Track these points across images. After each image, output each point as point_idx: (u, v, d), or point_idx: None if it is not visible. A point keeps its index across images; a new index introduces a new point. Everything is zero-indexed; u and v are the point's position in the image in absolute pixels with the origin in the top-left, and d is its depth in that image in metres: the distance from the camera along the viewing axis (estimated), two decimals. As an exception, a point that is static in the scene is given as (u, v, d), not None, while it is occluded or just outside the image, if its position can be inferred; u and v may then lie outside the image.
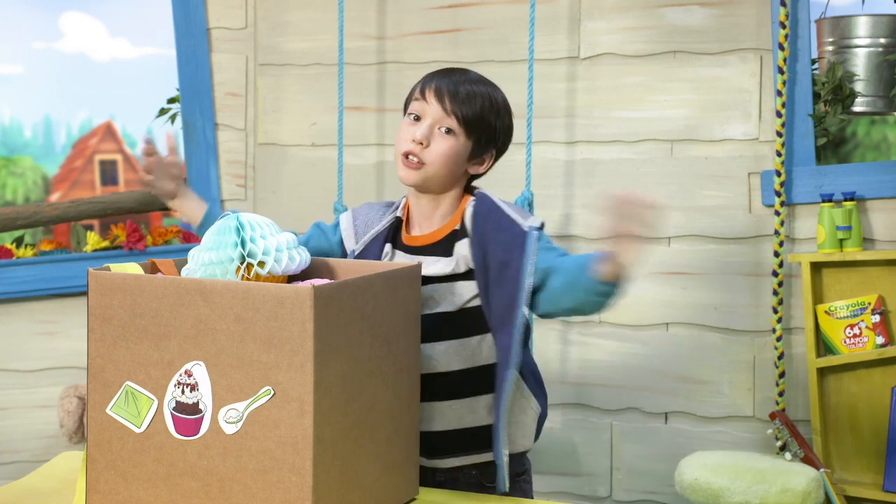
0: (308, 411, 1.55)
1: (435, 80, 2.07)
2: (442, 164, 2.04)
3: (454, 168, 2.07)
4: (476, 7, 3.57)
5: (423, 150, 2.04)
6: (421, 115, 2.06)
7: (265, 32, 3.76)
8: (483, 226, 2.04)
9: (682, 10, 3.36)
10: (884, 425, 3.16)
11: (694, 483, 2.91)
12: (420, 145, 2.04)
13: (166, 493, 1.64)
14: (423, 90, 2.07)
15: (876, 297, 3.15)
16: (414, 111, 2.07)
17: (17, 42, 30.90)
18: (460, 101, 2.04)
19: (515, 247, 1.99)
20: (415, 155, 2.04)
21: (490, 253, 2.01)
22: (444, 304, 2.03)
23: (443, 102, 2.04)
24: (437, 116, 2.04)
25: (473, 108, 2.05)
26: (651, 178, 3.41)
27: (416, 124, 2.06)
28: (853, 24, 3.35)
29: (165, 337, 1.63)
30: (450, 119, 2.04)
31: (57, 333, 3.61)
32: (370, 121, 3.67)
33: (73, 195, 17.34)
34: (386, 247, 2.11)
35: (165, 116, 3.84)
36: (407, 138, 2.05)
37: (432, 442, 2.03)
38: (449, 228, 2.09)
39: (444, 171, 2.05)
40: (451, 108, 2.03)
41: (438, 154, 2.04)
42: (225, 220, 1.81)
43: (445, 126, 2.04)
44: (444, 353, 2.03)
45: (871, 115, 3.52)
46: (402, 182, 2.09)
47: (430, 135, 2.04)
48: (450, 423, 2.04)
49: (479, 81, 2.09)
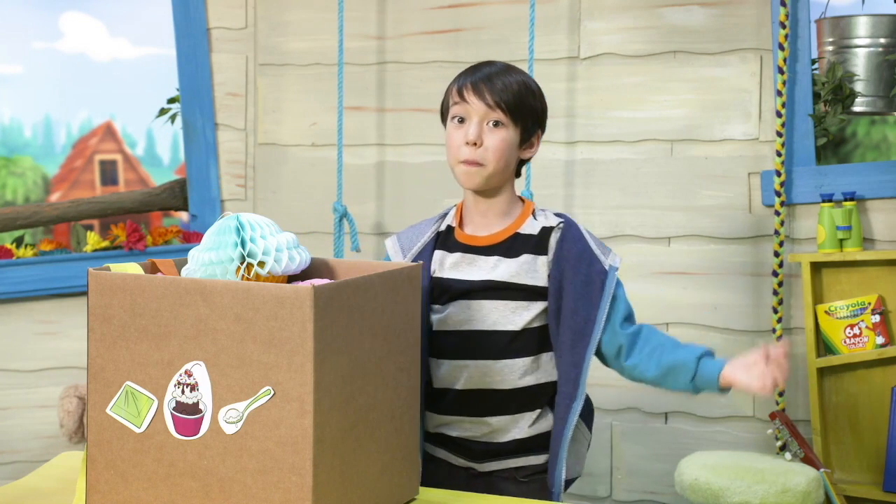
0: (308, 411, 1.55)
1: (468, 77, 2.07)
2: (498, 158, 2.04)
3: (509, 159, 2.07)
4: (476, 7, 3.57)
5: (477, 151, 2.04)
6: (465, 116, 2.05)
7: (265, 32, 3.76)
8: (567, 253, 2.05)
9: (682, 10, 3.36)
10: (884, 425, 3.16)
11: (694, 483, 2.91)
12: (474, 146, 2.03)
13: (166, 493, 1.64)
14: (459, 91, 2.06)
15: (876, 297, 3.15)
16: (457, 114, 2.06)
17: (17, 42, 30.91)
18: (499, 91, 2.03)
19: (594, 284, 2.02)
20: (472, 161, 2.04)
21: (567, 282, 2.02)
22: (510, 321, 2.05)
23: (483, 97, 2.03)
24: (481, 112, 2.04)
25: (514, 95, 2.04)
26: (651, 178, 3.41)
27: (462, 126, 2.05)
28: (853, 24, 3.35)
29: (165, 337, 1.63)
30: (495, 112, 2.03)
31: (57, 333, 3.61)
32: (370, 121, 3.67)
33: (73, 195, 17.35)
34: (436, 254, 2.11)
35: (165, 116, 3.84)
36: (459, 143, 2.05)
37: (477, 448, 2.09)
38: (511, 231, 2.09)
39: (501, 165, 2.05)
40: (494, 100, 2.03)
41: (493, 150, 2.04)
42: (225, 220, 1.81)
43: (493, 120, 2.04)
44: (502, 371, 2.05)
45: (871, 115, 3.52)
46: (465, 187, 2.09)
47: (481, 132, 2.03)
48: (494, 437, 2.08)
49: (507, 69, 2.09)
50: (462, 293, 2.06)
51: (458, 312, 2.06)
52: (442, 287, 2.09)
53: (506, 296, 2.05)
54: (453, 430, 2.10)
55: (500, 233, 2.09)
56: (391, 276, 1.76)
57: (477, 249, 2.09)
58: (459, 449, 2.11)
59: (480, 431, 2.08)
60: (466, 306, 2.06)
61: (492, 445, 2.09)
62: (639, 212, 3.41)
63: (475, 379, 2.06)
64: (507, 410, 2.07)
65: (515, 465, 2.10)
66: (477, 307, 2.05)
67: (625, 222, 3.40)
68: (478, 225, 2.11)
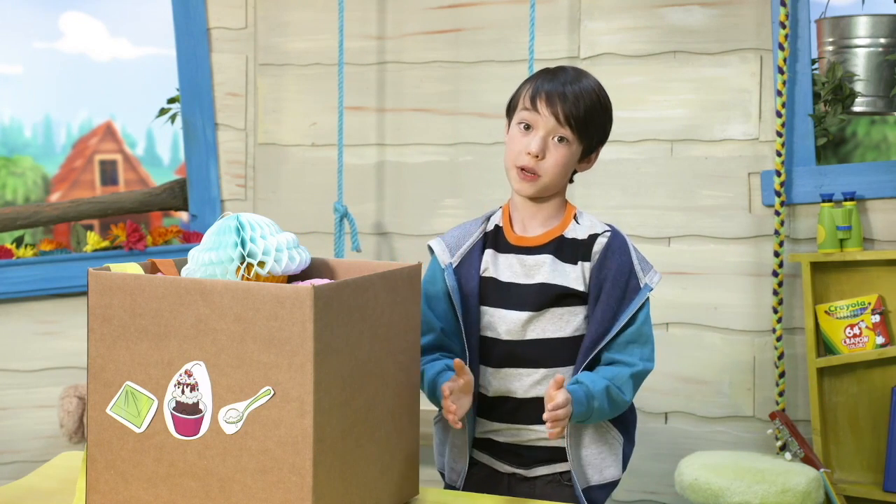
0: (308, 411, 1.55)
1: (543, 85, 2.05)
2: (556, 173, 2.05)
3: (567, 174, 2.08)
4: (476, 7, 3.57)
5: (538, 163, 2.04)
6: (532, 125, 2.05)
7: (265, 32, 3.76)
8: (610, 263, 2.04)
9: (682, 10, 3.36)
10: (884, 425, 3.16)
11: (694, 483, 2.91)
12: (535, 158, 2.03)
13: (166, 493, 1.64)
14: (532, 99, 2.05)
15: (876, 297, 3.15)
16: (524, 120, 2.06)
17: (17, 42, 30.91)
18: (570, 105, 2.03)
19: (626, 301, 2.02)
20: (530, 170, 2.04)
21: (605, 293, 2.02)
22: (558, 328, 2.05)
23: (555, 111, 2.02)
24: (549, 127, 2.03)
25: (585, 111, 2.04)
26: (651, 178, 3.41)
27: (527, 134, 2.05)
28: (853, 24, 3.35)
29: (165, 337, 1.63)
30: (563, 129, 2.03)
31: (57, 333, 3.61)
32: (370, 121, 3.66)
33: (73, 195, 17.36)
34: (486, 253, 2.10)
35: (165, 116, 3.84)
36: (521, 150, 2.05)
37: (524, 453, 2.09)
38: (557, 233, 2.09)
39: (557, 179, 2.06)
40: (564, 117, 2.02)
41: (553, 164, 2.04)
42: (225, 220, 1.81)
43: (559, 135, 2.04)
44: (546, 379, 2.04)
45: (871, 115, 3.52)
46: (519, 194, 2.08)
47: (545, 147, 2.03)
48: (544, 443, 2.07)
49: (579, 77, 2.08)
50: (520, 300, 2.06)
51: (519, 321, 2.05)
52: (496, 288, 2.08)
53: (563, 302, 2.04)
54: (504, 436, 2.09)
55: (547, 233, 2.09)
56: (391, 276, 1.75)
57: (528, 250, 2.08)
58: (507, 455, 2.10)
59: (535, 436, 2.07)
60: (527, 316, 2.05)
61: (545, 451, 2.08)
62: (639, 212, 3.41)
63: (537, 388, 2.05)
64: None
65: (563, 470, 2.09)
66: (537, 317, 2.04)
67: (625, 222, 3.40)
68: (526, 226, 2.11)
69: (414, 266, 1.84)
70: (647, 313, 2.07)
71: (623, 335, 2.04)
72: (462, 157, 3.59)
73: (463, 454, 2.10)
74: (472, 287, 2.07)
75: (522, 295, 2.05)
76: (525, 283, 2.06)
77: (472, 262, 2.09)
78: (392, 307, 1.75)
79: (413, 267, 1.83)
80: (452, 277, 2.08)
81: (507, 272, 2.08)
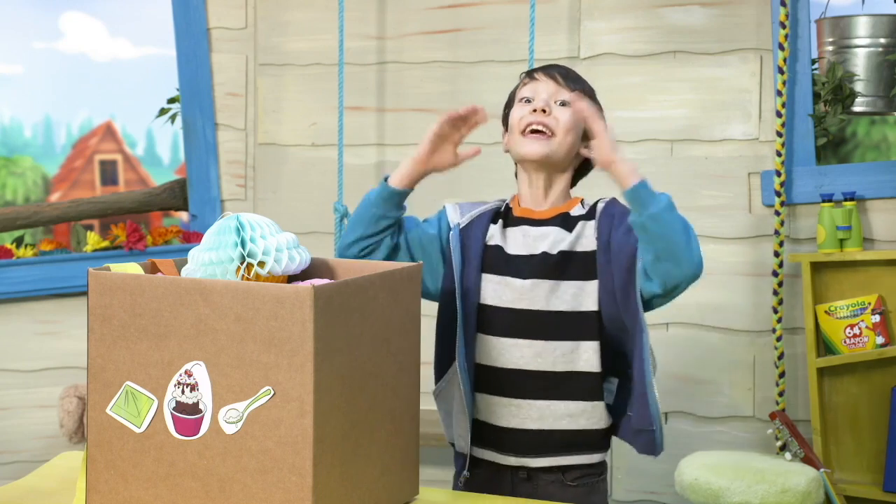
0: (308, 411, 1.55)
1: (539, 69, 2.11)
2: (567, 132, 2.05)
3: (575, 141, 2.08)
4: (476, 7, 3.57)
5: (548, 118, 2.04)
6: (533, 96, 2.07)
7: (265, 32, 3.76)
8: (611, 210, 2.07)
9: (682, 10, 3.36)
10: (884, 425, 3.16)
11: (694, 483, 2.91)
12: (543, 113, 2.03)
13: (166, 493, 1.64)
14: (529, 74, 2.09)
15: (876, 297, 3.15)
16: (524, 94, 2.08)
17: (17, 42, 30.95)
18: (567, 73, 2.07)
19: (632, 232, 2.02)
20: (541, 124, 2.04)
21: (614, 231, 2.04)
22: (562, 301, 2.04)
23: (555, 78, 2.05)
24: (551, 90, 2.06)
25: (579, 81, 2.08)
26: (651, 178, 3.39)
27: (529, 104, 2.07)
28: (853, 24, 3.35)
29: (165, 337, 1.63)
30: (564, 91, 2.05)
31: (57, 333, 3.61)
32: (370, 121, 3.67)
33: (73, 195, 17.35)
34: (491, 227, 2.11)
35: (165, 116, 3.84)
36: (524, 115, 2.06)
37: (526, 440, 2.06)
38: (565, 209, 2.11)
39: (568, 142, 2.07)
40: (563, 79, 2.05)
41: (564, 121, 2.05)
42: (225, 220, 1.81)
43: (561, 99, 2.05)
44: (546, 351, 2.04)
45: (871, 115, 3.52)
46: (529, 157, 2.07)
47: (550, 105, 2.05)
48: (545, 423, 2.06)
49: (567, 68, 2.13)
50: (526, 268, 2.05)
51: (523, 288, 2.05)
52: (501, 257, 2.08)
53: (570, 275, 2.04)
54: (503, 419, 2.08)
55: (553, 209, 2.11)
56: (391, 276, 1.76)
57: (534, 222, 2.10)
58: (508, 443, 2.09)
59: (537, 413, 2.06)
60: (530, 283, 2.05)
61: (542, 435, 2.06)
62: (639, 212, 3.41)
63: (537, 360, 2.04)
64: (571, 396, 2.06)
65: (565, 464, 2.09)
66: (542, 285, 2.04)
67: (625, 222, 3.40)
68: (533, 204, 2.13)
69: (414, 266, 1.84)
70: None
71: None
72: (462, 157, 3.59)
73: (465, 415, 2.08)
74: (474, 252, 2.08)
75: (528, 263, 2.06)
76: (530, 254, 2.07)
77: (479, 227, 2.10)
78: (392, 307, 1.75)
79: (413, 267, 1.83)
80: (457, 239, 2.09)
81: (514, 244, 2.09)
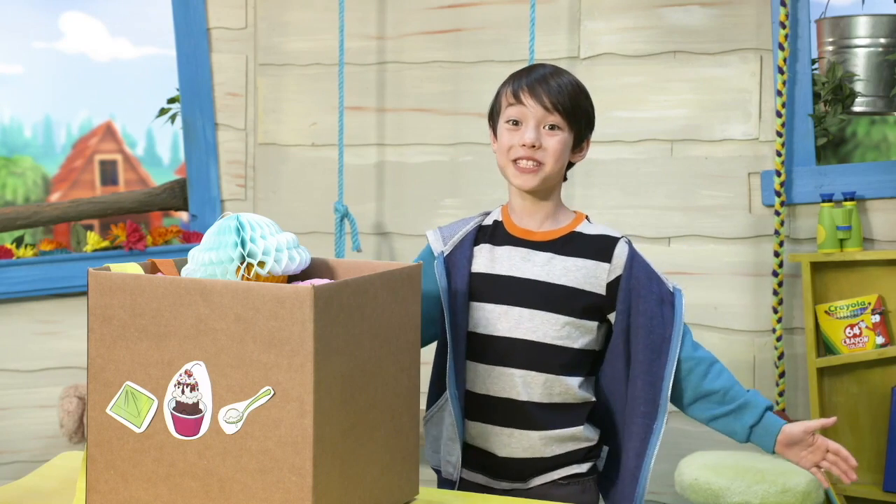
0: (308, 411, 1.55)
1: (522, 80, 2.07)
2: (556, 160, 2.05)
3: (564, 162, 2.08)
4: (476, 7, 3.57)
5: (537, 152, 2.04)
6: (520, 119, 2.05)
7: (265, 32, 3.76)
8: (637, 272, 2.04)
9: (682, 10, 3.37)
10: (884, 425, 3.16)
11: (694, 483, 2.91)
12: (533, 148, 2.03)
13: (166, 493, 1.64)
14: (515, 94, 2.06)
15: (876, 297, 3.15)
16: (512, 116, 2.06)
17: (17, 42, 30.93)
18: (556, 94, 2.04)
19: (666, 304, 2.03)
20: (531, 159, 2.04)
21: (641, 301, 2.02)
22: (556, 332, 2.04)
23: (541, 100, 2.03)
24: (539, 116, 2.04)
25: (570, 97, 2.05)
26: (651, 178, 3.41)
27: (518, 129, 2.05)
28: (853, 24, 3.35)
29: (165, 337, 1.63)
30: (552, 115, 2.03)
31: (57, 333, 3.61)
32: (370, 121, 3.67)
33: (73, 195, 17.35)
34: (482, 247, 2.09)
35: (165, 116, 3.84)
36: (514, 144, 2.05)
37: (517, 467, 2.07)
38: (567, 230, 2.09)
39: (558, 167, 2.06)
40: (551, 104, 2.03)
41: (553, 152, 2.04)
42: (225, 220, 1.81)
43: (549, 123, 2.04)
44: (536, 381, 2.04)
45: (871, 115, 3.52)
46: (521, 188, 2.08)
47: (539, 136, 2.04)
48: (536, 452, 2.06)
49: (558, 71, 2.09)
50: (519, 294, 2.04)
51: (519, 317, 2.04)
52: (491, 282, 2.07)
53: (562, 308, 2.03)
54: (494, 447, 2.07)
55: (554, 231, 2.09)
56: (391, 276, 1.75)
57: (529, 244, 2.08)
58: (501, 470, 2.08)
59: (528, 444, 2.06)
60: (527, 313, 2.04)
61: (534, 462, 2.06)
62: (639, 212, 3.41)
63: (528, 390, 2.04)
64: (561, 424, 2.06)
65: (560, 476, 2.08)
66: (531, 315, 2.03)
67: (625, 222, 3.40)
68: (525, 223, 2.10)
69: (414, 266, 1.84)
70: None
71: (687, 337, 2.06)
72: (462, 157, 3.59)
73: (455, 443, 2.07)
74: (461, 284, 2.06)
75: (522, 289, 2.04)
76: (523, 278, 2.05)
77: (463, 253, 2.09)
78: (392, 307, 1.75)
79: (413, 267, 1.83)
80: (442, 267, 2.08)
81: (506, 264, 2.07)
